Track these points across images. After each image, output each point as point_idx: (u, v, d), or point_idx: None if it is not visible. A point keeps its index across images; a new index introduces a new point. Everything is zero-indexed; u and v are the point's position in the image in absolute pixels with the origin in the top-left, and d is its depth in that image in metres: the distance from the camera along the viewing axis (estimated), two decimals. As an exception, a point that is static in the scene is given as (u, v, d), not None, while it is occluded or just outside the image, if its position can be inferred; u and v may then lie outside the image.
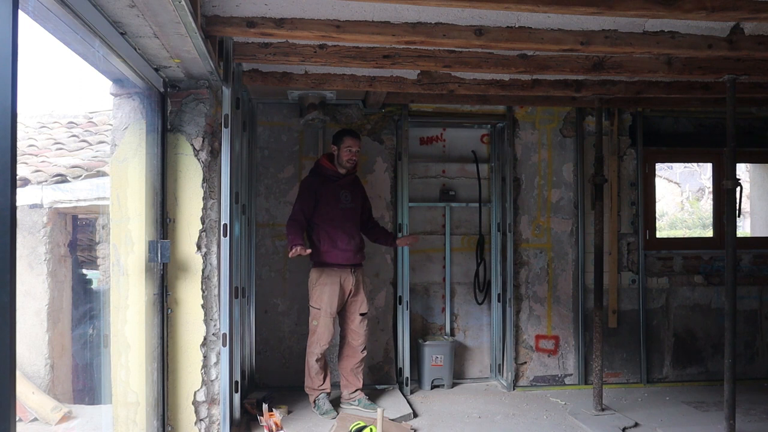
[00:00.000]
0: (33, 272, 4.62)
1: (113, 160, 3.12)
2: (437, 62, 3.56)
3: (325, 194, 4.19)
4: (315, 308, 4.17)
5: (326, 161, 4.28)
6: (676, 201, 18.69)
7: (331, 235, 4.16)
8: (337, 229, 4.17)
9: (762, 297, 5.35)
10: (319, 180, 4.23)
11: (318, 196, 4.18)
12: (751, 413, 4.32)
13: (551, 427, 4.05)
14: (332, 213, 4.18)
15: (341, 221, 4.20)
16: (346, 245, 4.18)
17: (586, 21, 3.09)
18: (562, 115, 5.15)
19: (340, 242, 4.16)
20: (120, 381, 3.08)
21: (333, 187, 4.22)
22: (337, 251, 4.16)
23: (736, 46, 3.26)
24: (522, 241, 5.08)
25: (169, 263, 3.22)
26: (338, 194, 4.23)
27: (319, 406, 4.15)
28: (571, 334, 5.11)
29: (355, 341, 4.26)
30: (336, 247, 4.16)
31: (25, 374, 4.45)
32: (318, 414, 4.13)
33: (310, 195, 4.18)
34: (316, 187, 4.20)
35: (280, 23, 2.98)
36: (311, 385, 4.20)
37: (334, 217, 4.18)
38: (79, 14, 2.08)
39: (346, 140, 4.20)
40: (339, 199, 4.22)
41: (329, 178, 4.24)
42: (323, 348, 4.14)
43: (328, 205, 4.18)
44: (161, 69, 3.06)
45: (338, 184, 4.25)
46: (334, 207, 4.19)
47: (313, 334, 4.17)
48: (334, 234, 4.16)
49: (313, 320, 4.18)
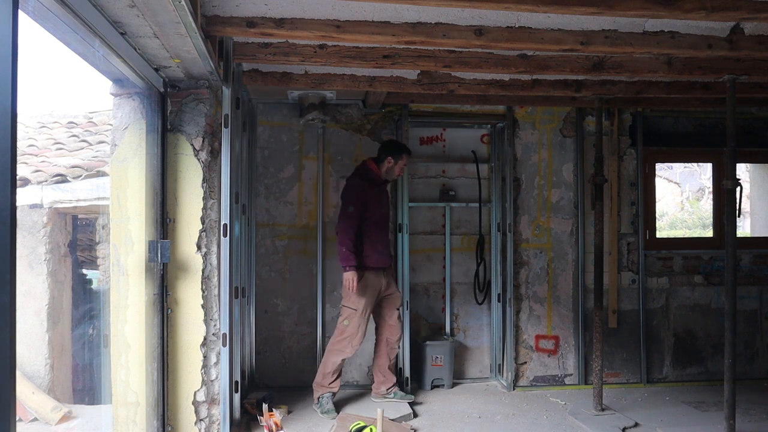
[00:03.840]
0: (33, 272, 4.62)
1: (113, 160, 3.12)
2: (437, 62, 3.56)
3: (371, 198, 4.29)
4: (351, 309, 4.20)
5: (375, 166, 4.37)
6: (676, 201, 18.69)
7: (372, 239, 4.26)
8: (379, 233, 4.32)
9: (762, 297, 5.35)
10: (366, 183, 4.31)
11: (366, 199, 4.25)
12: (751, 413, 4.32)
13: (551, 427, 4.05)
14: (375, 217, 4.30)
15: (382, 225, 4.37)
16: (384, 248, 4.34)
17: (586, 21, 3.09)
18: (562, 115, 5.15)
19: (380, 245, 4.30)
20: (120, 381, 3.08)
21: (377, 191, 4.35)
22: (377, 255, 4.27)
23: (736, 46, 3.26)
24: (522, 241, 5.08)
25: (169, 263, 3.22)
26: (380, 199, 4.37)
27: (322, 404, 4.16)
28: (571, 334, 5.11)
29: (393, 336, 4.37)
30: (376, 250, 4.27)
31: (25, 374, 4.45)
32: (318, 412, 4.13)
33: (360, 197, 4.24)
34: (365, 189, 4.28)
35: (280, 23, 2.98)
36: (322, 382, 4.21)
37: (377, 221, 4.31)
38: (79, 14, 2.08)
39: (405, 158, 4.37)
40: (380, 204, 4.35)
41: (374, 182, 4.34)
42: (355, 348, 4.20)
43: (372, 209, 4.27)
44: (161, 69, 3.06)
45: (380, 189, 4.40)
46: (377, 211, 4.31)
47: (342, 333, 4.19)
48: (375, 237, 4.27)
49: (344, 320, 4.20)
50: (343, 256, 4.11)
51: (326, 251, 4.91)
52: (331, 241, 4.92)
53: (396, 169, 4.36)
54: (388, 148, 4.38)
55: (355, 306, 4.18)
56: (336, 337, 4.22)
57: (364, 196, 4.23)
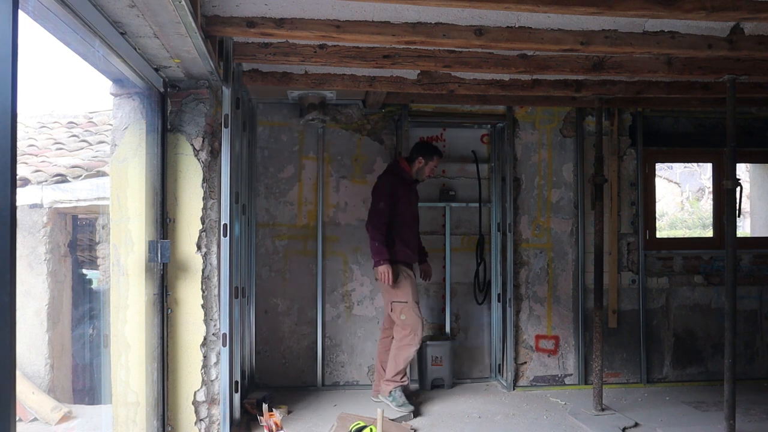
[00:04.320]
0: (33, 272, 4.62)
1: (113, 160, 3.12)
2: (437, 62, 3.56)
3: (403, 196, 4.36)
4: (402, 302, 4.27)
5: (407, 165, 4.44)
6: (676, 201, 18.69)
7: (403, 235, 4.35)
8: (409, 230, 4.40)
9: (762, 297, 5.35)
10: (398, 181, 4.38)
11: (397, 196, 4.32)
12: (751, 413, 4.32)
13: (551, 427, 4.05)
14: (406, 214, 4.38)
15: (412, 223, 4.45)
16: (413, 245, 4.43)
17: (586, 21, 3.09)
18: (562, 115, 5.15)
19: (410, 243, 4.39)
20: (120, 381, 3.08)
21: (408, 189, 4.42)
22: (408, 250, 4.37)
23: (736, 46, 3.26)
24: (522, 241, 5.08)
25: (169, 263, 3.22)
26: (410, 198, 4.44)
27: (395, 398, 4.23)
28: (571, 334, 5.10)
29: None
30: (407, 246, 4.36)
31: (25, 374, 4.45)
32: (393, 406, 4.20)
33: (392, 195, 4.31)
34: (396, 187, 4.34)
35: (280, 23, 2.98)
36: (394, 378, 4.28)
37: (407, 220, 4.39)
38: (79, 14, 2.08)
39: (435, 159, 4.44)
40: (411, 202, 4.43)
41: (405, 180, 4.41)
42: (420, 337, 4.27)
43: (403, 207, 4.35)
44: (161, 69, 3.06)
45: (411, 188, 4.47)
46: (408, 208, 4.39)
47: (405, 328, 4.25)
48: (406, 234, 4.36)
49: (401, 315, 4.27)
50: (376, 250, 4.16)
51: (326, 251, 4.92)
52: (331, 241, 4.93)
53: (426, 170, 4.44)
54: (420, 149, 4.46)
55: (405, 298, 4.26)
56: (399, 333, 4.28)
57: (395, 193, 4.31)
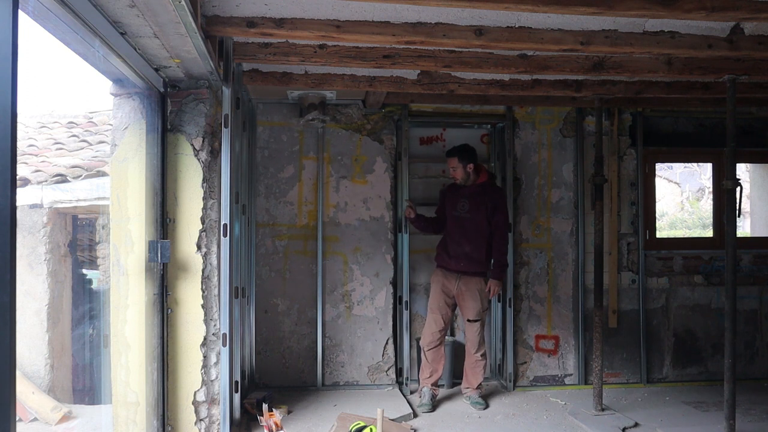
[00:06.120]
0: (33, 272, 4.62)
1: (113, 160, 3.12)
2: (437, 62, 3.56)
3: (449, 201, 4.51)
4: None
5: None
6: (676, 201, 18.68)
7: (444, 240, 4.50)
8: (451, 235, 4.46)
9: (762, 297, 5.35)
10: (449, 186, 4.61)
11: (445, 200, 4.55)
12: (751, 413, 4.32)
13: (551, 427, 4.05)
14: (450, 220, 4.48)
15: (453, 228, 4.45)
16: (455, 252, 4.41)
17: (586, 21, 3.09)
18: (562, 115, 5.15)
19: (450, 248, 4.43)
20: (120, 381, 3.08)
21: (455, 195, 4.49)
22: (446, 256, 4.44)
23: (736, 46, 3.26)
24: (522, 241, 5.08)
25: (169, 263, 3.22)
26: (456, 202, 4.47)
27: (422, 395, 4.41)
28: (571, 334, 5.10)
29: (466, 343, 4.56)
30: (446, 251, 4.44)
31: (25, 374, 4.45)
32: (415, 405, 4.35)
33: (440, 198, 4.68)
34: (445, 191, 4.63)
35: (280, 23, 2.98)
36: (420, 375, 4.52)
37: (450, 223, 4.48)
38: (79, 14, 2.08)
39: (447, 160, 4.49)
40: (455, 207, 4.47)
41: (454, 185, 4.53)
42: (424, 341, 4.46)
43: (446, 212, 4.52)
44: (161, 69, 3.06)
45: (460, 192, 4.48)
46: (450, 214, 4.49)
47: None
48: (447, 239, 4.48)
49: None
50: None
51: (326, 251, 4.91)
52: (331, 241, 4.93)
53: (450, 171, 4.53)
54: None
55: (429, 301, 4.55)
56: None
57: (443, 198, 4.59)
